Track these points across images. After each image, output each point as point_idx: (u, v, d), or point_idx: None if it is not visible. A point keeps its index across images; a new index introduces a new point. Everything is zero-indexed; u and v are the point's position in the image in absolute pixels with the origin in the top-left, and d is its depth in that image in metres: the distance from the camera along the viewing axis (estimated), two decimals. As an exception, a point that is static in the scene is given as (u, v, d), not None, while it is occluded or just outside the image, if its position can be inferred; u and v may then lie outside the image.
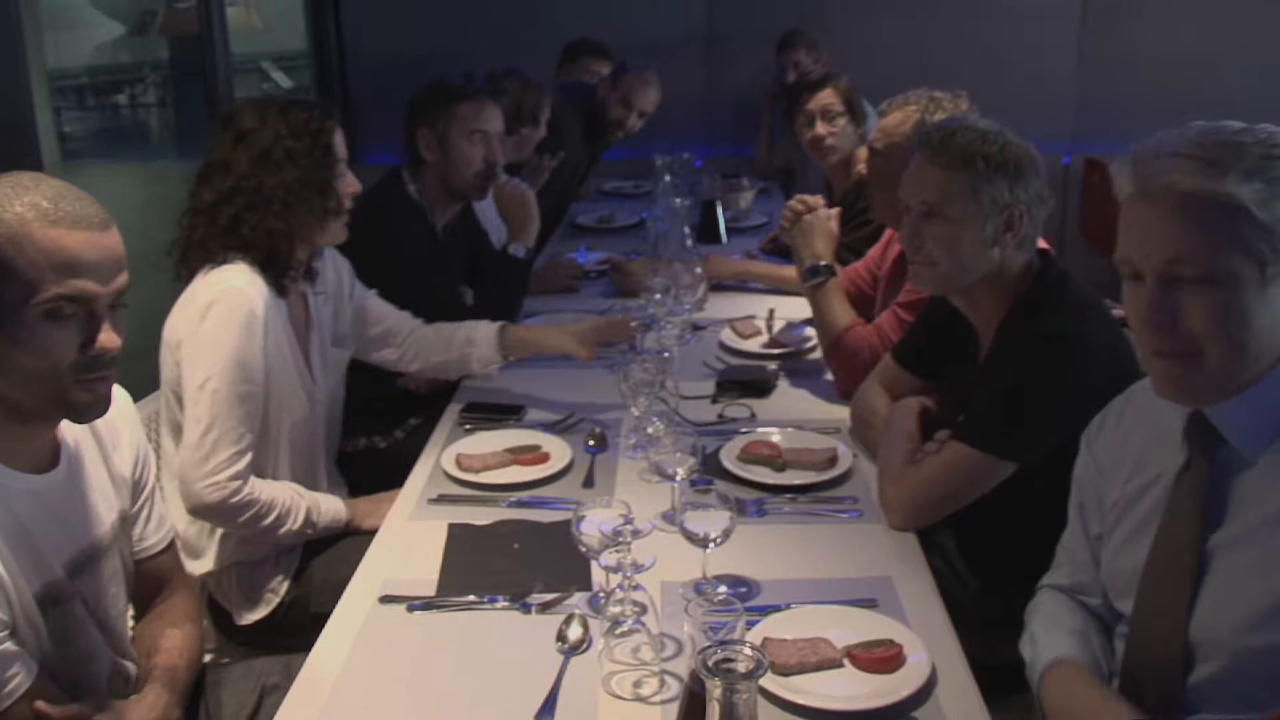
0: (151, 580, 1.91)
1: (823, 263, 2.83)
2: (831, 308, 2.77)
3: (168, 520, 1.95)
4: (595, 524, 1.76)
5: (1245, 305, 1.39)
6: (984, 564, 2.23)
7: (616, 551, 1.70)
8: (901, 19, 5.57)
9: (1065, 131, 5.67)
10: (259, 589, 2.34)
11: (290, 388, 2.36)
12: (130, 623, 1.91)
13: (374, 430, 3.01)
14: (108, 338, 1.55)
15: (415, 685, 1.68)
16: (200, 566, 2.30)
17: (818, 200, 2.94)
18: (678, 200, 3.53)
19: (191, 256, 2.28)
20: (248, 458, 2.22)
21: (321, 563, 2.33)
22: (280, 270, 2.31)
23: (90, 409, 1.61)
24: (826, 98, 3.63)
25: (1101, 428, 1.74)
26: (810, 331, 3.03)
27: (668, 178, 4.13)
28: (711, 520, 1.83)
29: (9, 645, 1.53)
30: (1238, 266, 1.38)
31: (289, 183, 2.28)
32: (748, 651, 1.14)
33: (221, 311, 2.18)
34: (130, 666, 1.81)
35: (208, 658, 2.11)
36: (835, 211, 2.95)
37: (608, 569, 1.71)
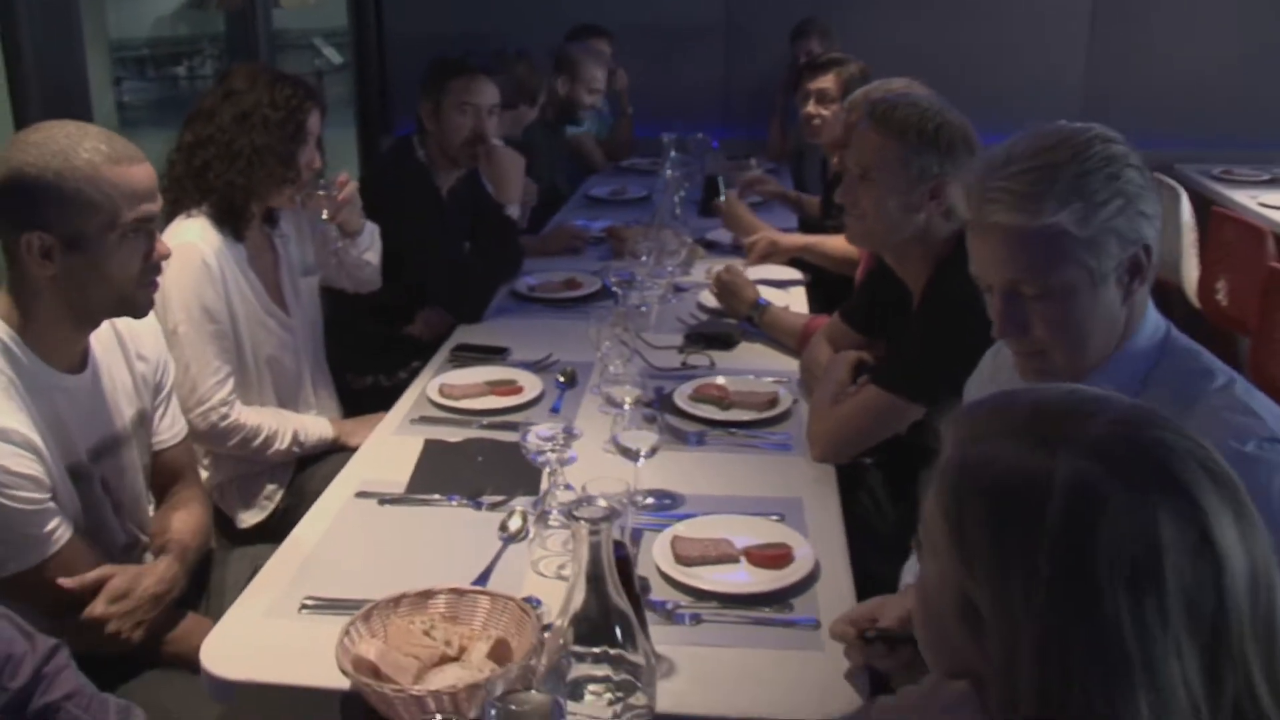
0: (167, 471, 2.23)
1: (759, 300, 3.12)
2: (782, 320, 3.05)
3: (180, 420, 2.26)
4: (538, 433, 2.05)
5: (1082, 310, 1.55)
6: (904, 498, 2.50)
7: (552, 452, 1.99)
8: (913, 12, 5.72)
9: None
10: (255, 496, 2.68)
11: (258, 321, 2.67)
12: (151, 509, 2.22)
13: (379, 370, 3.33)
14: (162, 246, 1.94)
15: (377, 561, 1.97)
16: (202, 476, 2.62)
17: (733, 264, 3.34)
18: (669, 173, 3.80)
19: (170, 190, 2.55)
20: (228, 386, 2.54)
21: (312, 473, 2.64)
22: (235, 219, 2.59)
23: (147, 306, 1.99)
24: (825, 81, 3.84)
25: (979, 375, 1.97)
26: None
27: (674, 154, 4.40)
28: (642, 438, 2.12)
29: (51, 505, 1.86)
30: (1071, 278, 1.53)
31: (258, 145, 2.56)
32: (602, 503, 1.41)
33: (179, 266, 2.44)
34: (144, 539, 2.13)
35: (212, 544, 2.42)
36: (744, 264, 3.39)
37: (540, 463, 1.99)
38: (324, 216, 2.81)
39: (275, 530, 2.60)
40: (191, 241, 2.50)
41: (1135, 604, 0.87)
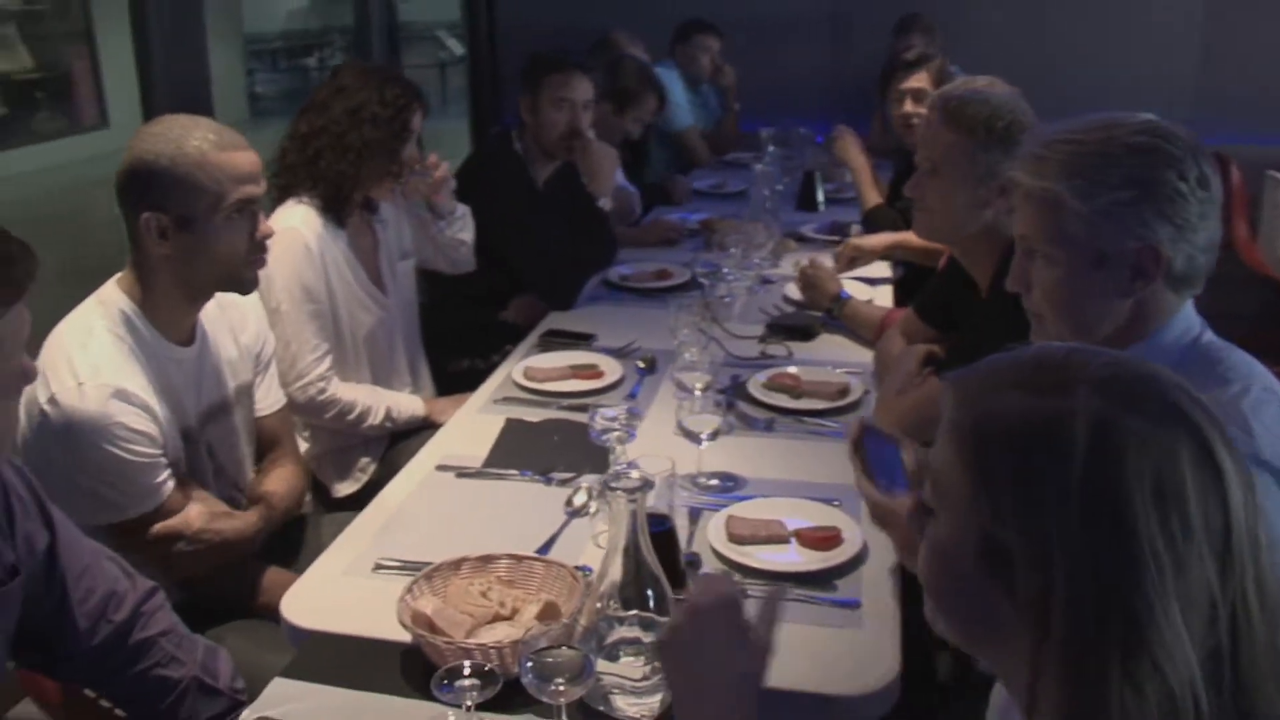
0: (265, 438, 2.41)
1: (841, 294, 3.18)
2: (861, 313, 3.12)
3: (279, 391, 2.44)
4: (604, 414, 2.17)
5: (1072, 285, 1.62)
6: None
7: (614, 431, 2.10)
8: (1022, 6, 5.70)
9: (1184, 121, 5.74)
10: (350, 468, 2.85)
11: (356, 301, 2.84)
12: (251, 473, 2.40)
13: (475, 353, 3.48)
14: (266, 226, 2.12)
15: (448, 529, 2.11)
16: (303, 446, 2.80)
17: (817, 258, 3.40)
18: (759, 168, 3.89)
19: (282, 176, 2.76)
20: (326, 363, 2.72)
21: (403, 448, 2.79)
22: (339, 206, 2.78)
23: (253, 283, 2.17)
24: (919, 80, 3.84)
25: None
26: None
27: (771, 148, 4.48)
28: (705, 422, 2.22)
29: (162, 459, 2.04)
30: (1065, 250, 1.61)
31: (367, 140, 2.75)
32: (636, 475, 1.52)
33: (282, 249, 2.61)
34: (240, 498, 2.31)
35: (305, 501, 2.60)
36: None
37: (603, 442, 2.10)
38: (419, 197, 2.98)
39: (367, 500, 2.74)
40: (294, 226, 2.68)
41: (1163, 519, 0.94)
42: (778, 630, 1.34)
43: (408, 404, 2.89)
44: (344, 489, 2.83)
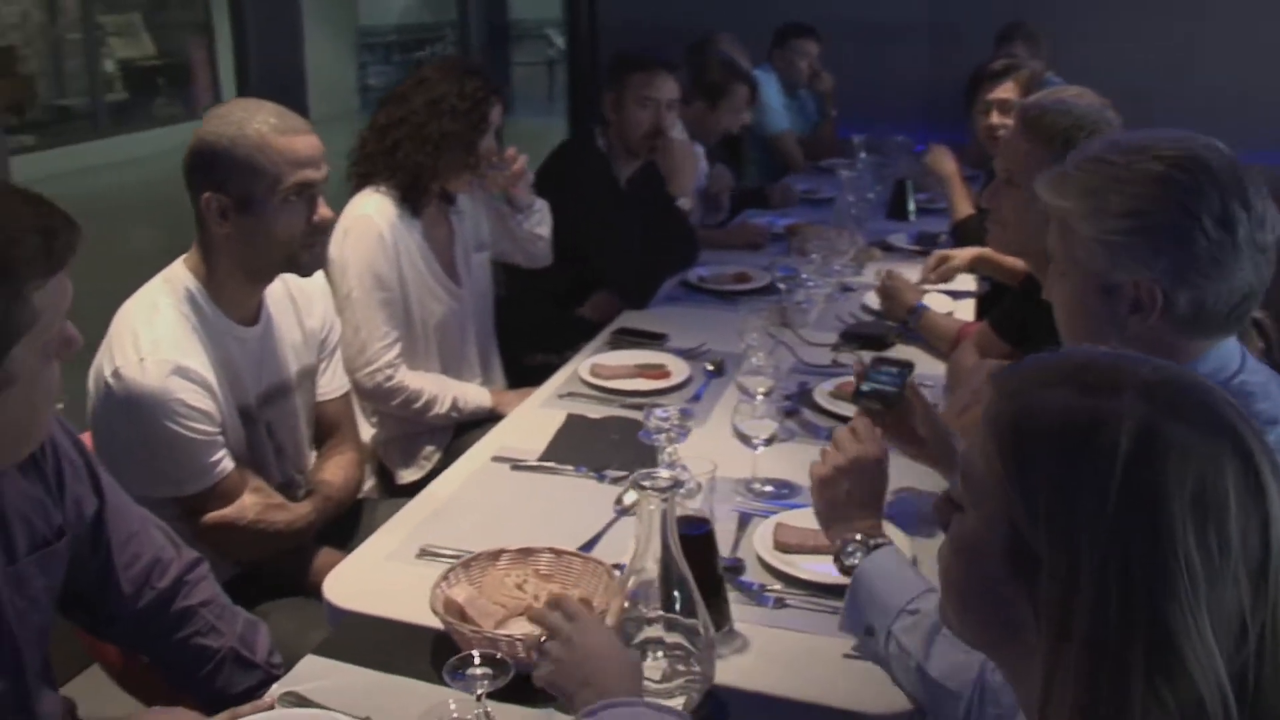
0: (326, 423, 2.45)
1: (918, 305, 3.13)
2: (938, 324, 3.06)
3: (342, 377, 2.48)
4: (657, 414, 2.16)
5: (1081, 309, 1.60)
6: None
7: (665, 432, 2.09)
8: (1133, 15, 5.55)
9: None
10: (415, 455, 2.89)
11: (428, 290, 2.88)
12: (311, 456, 2.45)
13: (550, 348, 3.49)
14: (325, 210, 2.14)
15: (496, 520, 2.12)
16: (370, 432, 2.84)
17: (896, 269, 3.34)
18: (845, 174, 3.85)
19: (360, 165, 2.82)
20: (394, 350, 2.76)
21: (469, 438, 2.81)
22: (416, 196, 2.82)
23: (311, 265, 2.21)
24: (1005, 90, 3.78)
25: None
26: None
27: (863, 155, 4.43)
28: (761, 427, 2.20)
29: (220, 438, 2.09)
30: (1076, 273, 1.58)
31: (445, 131, 2.78)
32: (665, 475, 1.51)
33: (355, 237, 2.72)
34: (300, 482, 2.35)
35: (369, 488, 2.63)
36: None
37: (652, 442, 2.10)
38: (497, 190, 3.01)
39: (428, 487, 2.82)
40: (368, 214, 2.72)
41: (1200, 531, 0.91)
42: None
43: (475, 395, 2.92)
44: (408, 476, 2.86)
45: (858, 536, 1.72)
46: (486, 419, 2.87)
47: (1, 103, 9.61)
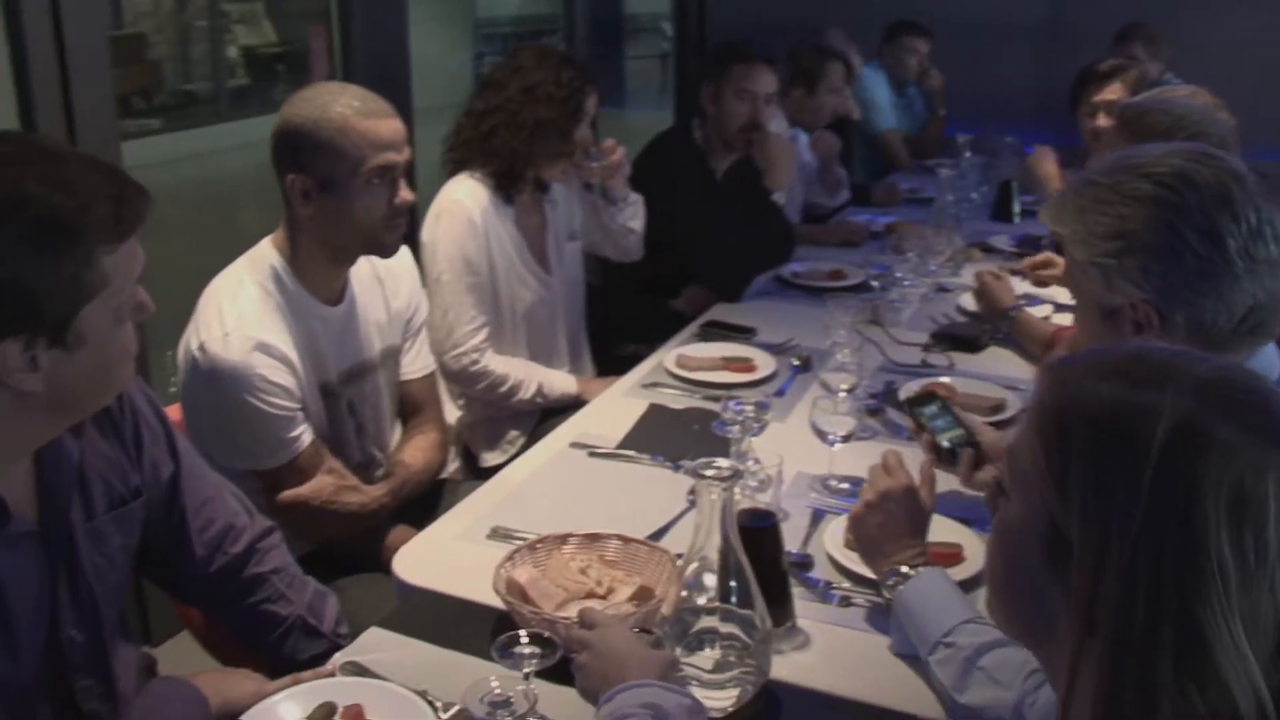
0: (410, 402, 2.49)
1: (1010, 306, 3.06)
2: (1032, 326, 2.99)
3: (427, 357, 2.51)
4: (733, 406, 2.15)
5: (1090, 333, 1.59)
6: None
7: (739, 423, 2.08)
8: (1260, 14, 5.36)
9: None
10: (499, 439, 2.92)
11: (518, 277, 2.90)
12: (395, 434, 2.49)
13: (641, 339, 3.50)
14: (406, 193, 2.17)
15: (568, 504, 2.14)
16: (455, 415, 2.88)
17: (994, 269, 3.27)
18: (945, 173, 3.79)
19: (456, 151, 2.86)
20: (482, 335, 2.79)
21: (553, 424, 2.83)
22: (509, 183, 2.84)
23: (393, 247, 2.24)
24: (1112, 92, 3.68)
25: None
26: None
27: (968, 155, 4.36)
28: (838, 423, 2.18)
29: (299, 414, 2.13)
30: (1080, 294, 1.58)
31: (540, 118, 2.80)
32: (725, 463, 1.50)
33: (446, 221, 2.76)
34: (380, 457, 2.39)
35: (453, 470, 2.67)
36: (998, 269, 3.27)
37: (725, 434, 2.09)
38: (595, 180, 3.02)
39: (514, 471, 2.85)
40: (460, 199, 2.76)
41: (1236, 533, 0.89)
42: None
43: (560, 382, 2.94)
44: (491, 459, 2.90)
45: (902, 568, 1.70)
46: (572, 406, 2.89)
47: (131, 87, 9.93)
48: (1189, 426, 0.92)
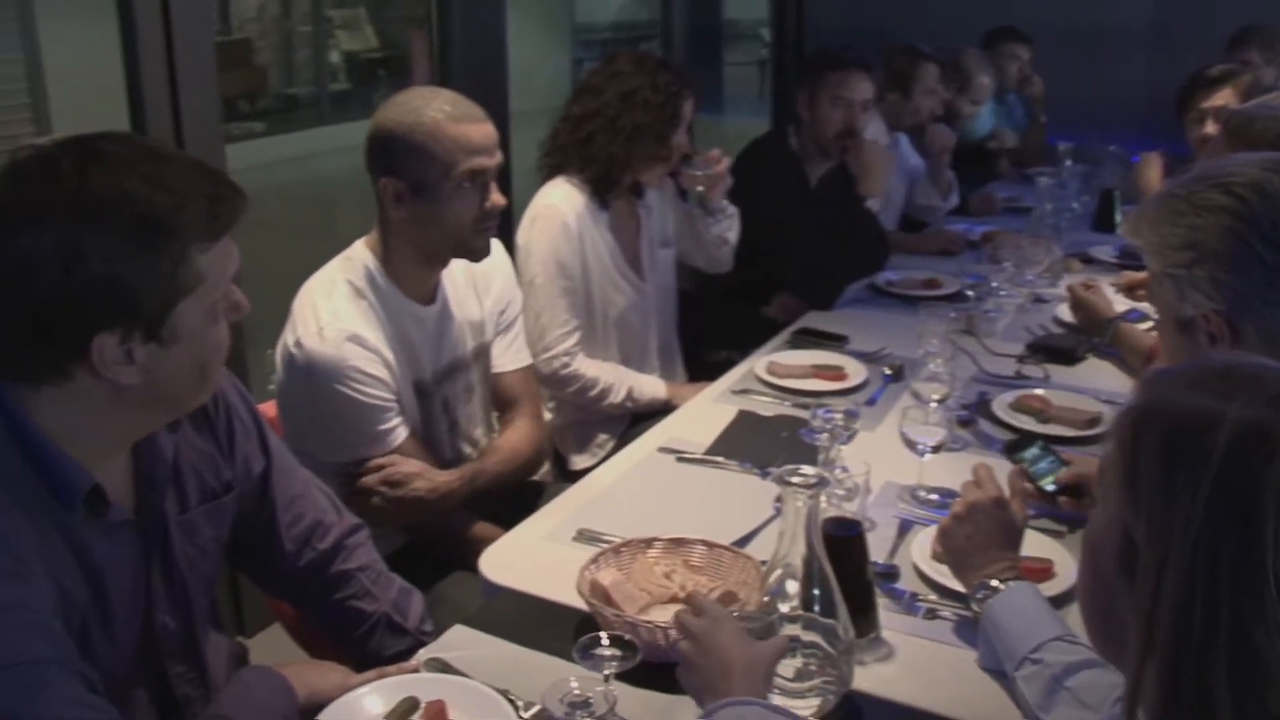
0: (504, 394, 2.50)
1: (1111, 317, 3.00)
2: (1132, 337, 2.92)
3: (521, 351, 2.52)
4: (823, 414, 2.14)
5: (1169, 347, 1.57)
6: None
7: (828, 431, 2.06)
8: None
9: None
10: (589, 443, 2.94)
11: (611, 282, 2.92)
12: (482, 428, 2.51)
13: (733, 346, 3.49)
14: (497, 197, 2.19)
15: (655, 508, 2.14)
16: (547, 417, 2.89)
17: (1093, 279, 3.22)
18: (1043, 181, 3.72)
19: (553, 156, 2.87)
20: (573, 339, 2.81)
21: (642, 429, 2.83)
22: (606, 188, 2.86)
23: (483, 251, 2.25)
24: (1222, 97, 3.57)
25: None
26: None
27: (1069, 163, 4.29)
28: (929, 433, 2.15)
29: (394, 404, 2.17)
30: (1158, 306, 1.56)
31: (638, 123, 2.82)
32: (811, 471, 1.49)
33: (542, 225, 2.78)
34: (470, 453, 2.42)
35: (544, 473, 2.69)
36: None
37: (814, 441, 2.07)
38: (697, 189, 3.01)
39: (602, 476, 2.86)
40: (555, 203, 2.78)
41: None
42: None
43: (650, 386, 2.95)
44: (581, 462, 2.91)
45: (991, 582, 1.67)
46: (662, 410, 2.89)
47: (236, 91, 10.17)
48: (1253, 433, 0.92)
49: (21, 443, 1.31)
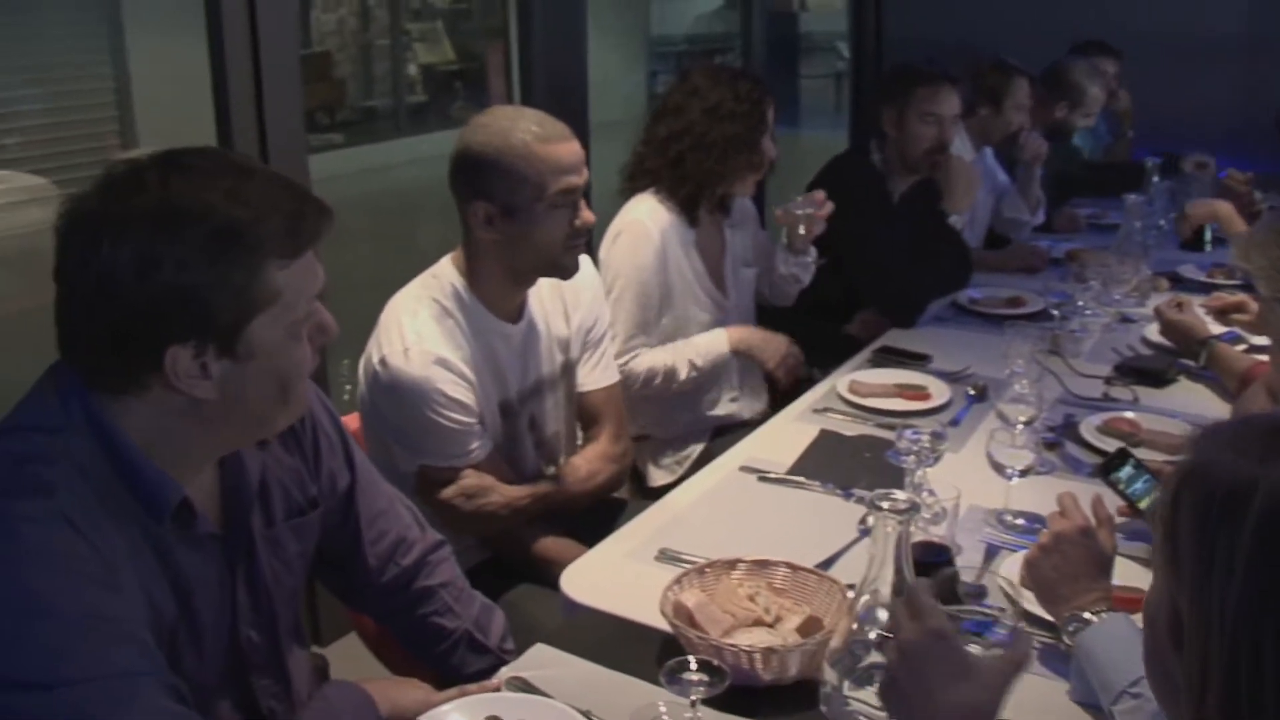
0: (588, 412, 2.49)
1: (1206, 337, 2.91)
2: (1227, 358, 2.83)
3: (608, 369, 2.50)
4: (909, 435, 2.10)
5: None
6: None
7: (914, 453, 2.02)
8: None
9: None
10: (667, 459, 2.94)
11: (693, 298, 2.91)
12: (569, 446, 2.50)
13: (814, 363, 3.46)
14: (587, 216, 2.19)
15: (738, 529, 2.12)
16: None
17: (1185, 298, 3.11)
18: (1131, 198, 3.64)
19: (639, 180, 2.87)
20: (637, 341, 2.81)
21: (720, 445, 2.82)
22: (695, 206, 2.86)
23: (572, 268, 2.25)
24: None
25: None
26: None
27: (1156, 180, 4.20)
28: (1017, 457, 2.11)
29: (476, 428, 2.16)
30: (1270, 332, 1.51)
31: (730, 135, 2.82)
32: (902, 496, 1.46)
33: (626, 240, 2.78)
34: (551, 471, 2.41)
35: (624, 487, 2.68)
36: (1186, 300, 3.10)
37: (900, 463, 2.03)
38: (800, 232, 3.02)
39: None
40: (640, 219, 2.79)
41: None
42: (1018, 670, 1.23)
43: (708, 343, 2.91)
44: (659, 478, 2.91)
45: (1084, 614, 1.62)
46: (741, 428, 2.87)
47: (316, 103, 10.32)
48: None
49: (112, 454, 1.31)
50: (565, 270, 2.22)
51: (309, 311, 1.37)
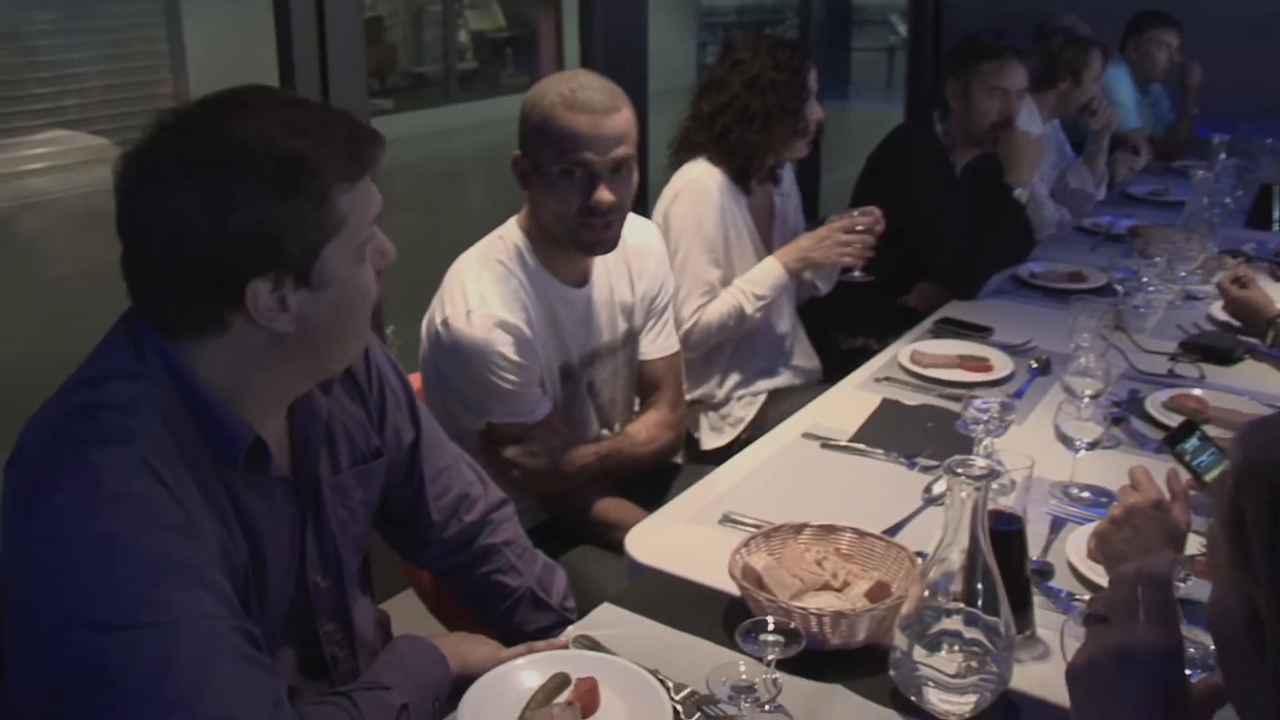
0: (648, 381, 2.48)
1: (1275, 315, 2.87)
2: None
3: (669, 339, 2.49)
4: (977, 405, 2.08)
5: None
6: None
7: (983, 423, 2.00)
8: None
9: None
10: (721, 423, 2.93)
11: (748, 261, 2.91)
12: (628, 413, 2.49)
13: (871, 334, 3.44)
14: (602, 195, 2.11)
15: (801, 495, 2.11)
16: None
17: (1243, 273, 3.04)
18: (1199, 174, 3.59)
19: (684, 154, 2.89)
20: (704, 298, 2.81)
21: (774, 413, 2.81)
22: (746, 177, 2.86)
23: (594, 246, 2.20)
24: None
25: None
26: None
27: (1224, 157, 4.13)
28: (1085, 430, 2.08)
29: (536, 390, 2.17)
30: None
31: (770, 106, 2.82)
32: (981, 463, 1.44)
33: (687, 197, 2.78)
34: (610, 437, 2.40)
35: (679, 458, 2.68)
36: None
37: (970, 433, 2.01)
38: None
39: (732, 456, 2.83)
40: (698, 177, 2.80)
41: None
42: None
43: (763, 273, 2.89)
44: (710, 442, 2.90)
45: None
46: (795, 395, 2.85)
47: (369, 68, 10.34)
48: None
49: (188, 399, 1.32)
50: (583, 246, 2.18)
51: (370, 235, 1.37)
